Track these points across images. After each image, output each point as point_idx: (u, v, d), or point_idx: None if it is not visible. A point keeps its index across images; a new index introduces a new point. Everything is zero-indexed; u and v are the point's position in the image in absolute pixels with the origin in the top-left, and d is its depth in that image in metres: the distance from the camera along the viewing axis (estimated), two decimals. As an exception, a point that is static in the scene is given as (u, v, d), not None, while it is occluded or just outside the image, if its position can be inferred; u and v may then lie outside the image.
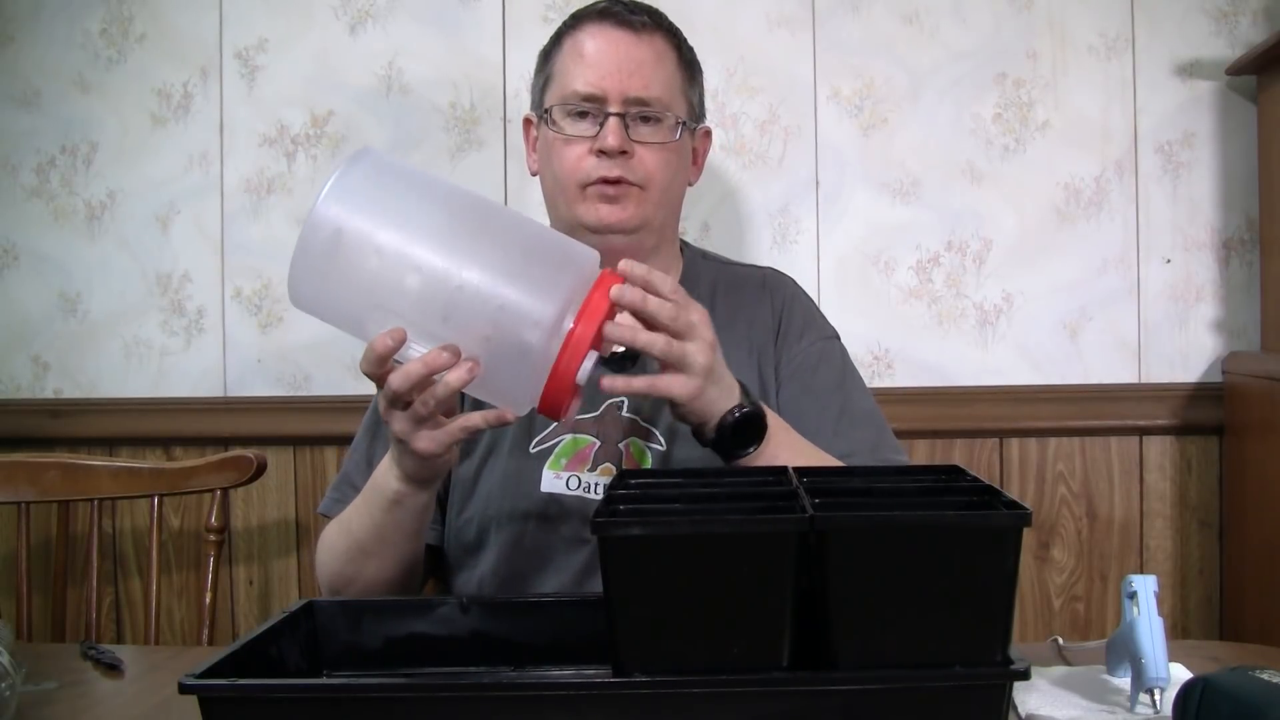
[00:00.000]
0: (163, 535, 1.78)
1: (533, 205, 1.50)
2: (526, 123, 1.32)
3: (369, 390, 1.03)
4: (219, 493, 1.60)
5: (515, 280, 0.92)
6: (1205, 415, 1.74)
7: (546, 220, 1.29)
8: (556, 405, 0.93)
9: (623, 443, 1.21)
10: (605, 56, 1.21)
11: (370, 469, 1.15)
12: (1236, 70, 1.70)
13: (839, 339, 1.33)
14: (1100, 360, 1.76)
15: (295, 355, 1.86)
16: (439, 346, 0.92)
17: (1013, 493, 1.28)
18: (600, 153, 1.20)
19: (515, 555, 1.21)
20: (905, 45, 1.77)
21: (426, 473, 1.05)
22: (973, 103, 1.77)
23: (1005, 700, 0.72)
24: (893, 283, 1.78)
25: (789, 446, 1.09)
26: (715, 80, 1.75)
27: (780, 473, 0.89)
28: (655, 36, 1.24)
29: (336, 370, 1.84)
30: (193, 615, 1.87)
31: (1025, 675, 0.72)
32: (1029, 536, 1.72)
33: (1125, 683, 0.94)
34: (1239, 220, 1.75)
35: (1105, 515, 1.76)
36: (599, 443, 1.21)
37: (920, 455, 1.76)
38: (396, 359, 0.94)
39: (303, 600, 0.94)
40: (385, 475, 1.08)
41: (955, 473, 0.86)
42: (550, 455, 1.22)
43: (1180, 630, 1.75)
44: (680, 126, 1.24)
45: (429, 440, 0.99)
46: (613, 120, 1.19)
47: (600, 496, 0.95)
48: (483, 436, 1.24)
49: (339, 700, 0.75)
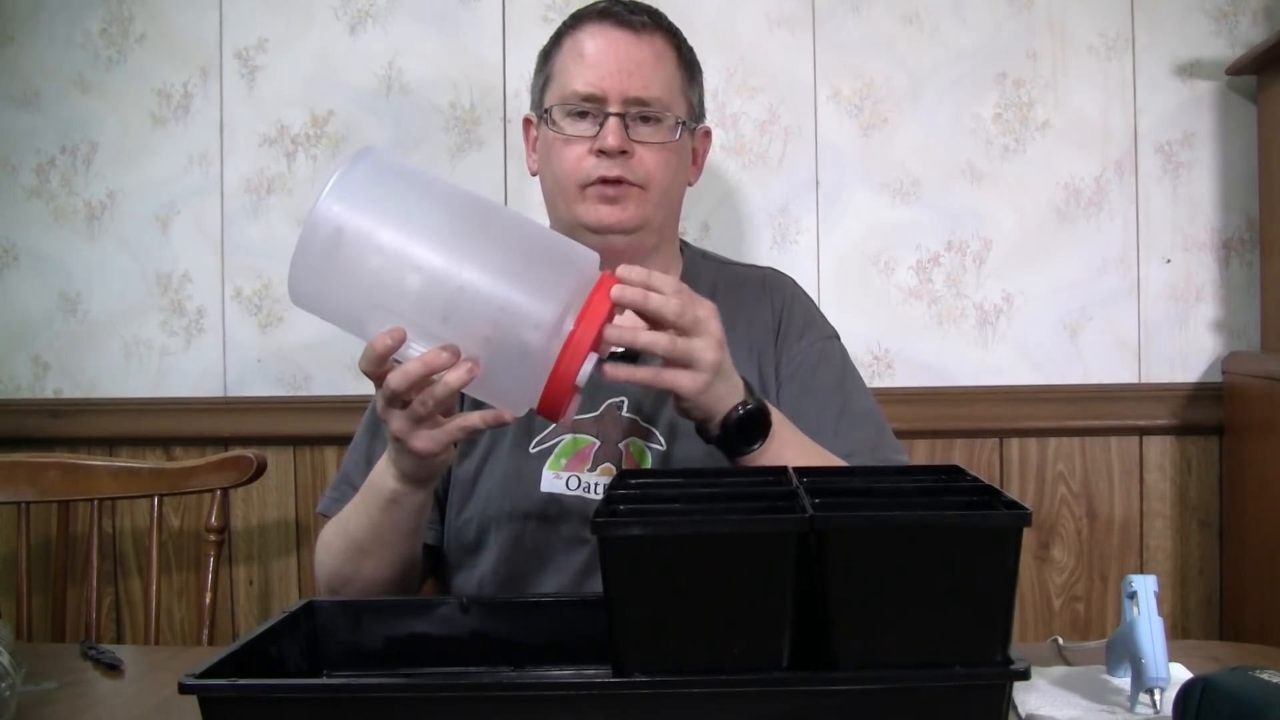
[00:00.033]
0: (163, 535, 1.78)
1: (533, 205, 1.50)
2: (526, 123, 1.32)
3: (369, 390, 1.03)
4: (219, 493, 1.60)
5: (516, 281, 0.93)
6: (1205, 415, 1.74)
7: (546, 220, 1.29)
8: (555, 407, 0.94)
9: (623, 442, 1.21)
10: (605, 56, 1.21)
11: (369, 469, 1.15)
12: (1236, 70, 1.70)
13: (839, 339, 1.33)
14: (1100, 360, 1.76)
15: (295, 355, 1.86)
16: (438, 346, 0.92)
17: (1013, 493, 1.28)
18: (600, 153, 1.20)
19: (515, 555, 1.21)
20: (905, 45, 1.77)
21: (424, 472, 1.05)
22: (973, 103, 1.77)
23: (1005, 700, 0.72)
24: (893, 283, 1.78)
25: (793, 444, 1.09)
26: (715, 80, 1.75)
27: (780, 473, 0.89)
28: (655, 36, 1.24)
29: (336, 370, 1.84)
30: (193, 615, 1.87)
31: (1025, 675, 0.72)
32: (1029, 536, 1.72)
33: (1125, 683, 0.94)
34: (1239, 220, 1.75)
35: (1105, 515, 1.76)
36: (599, 442, 1.21)
37: (920, 455, 1.76)
38: (396, 358, 0.94)
39: (303, 600, 0.94)
40: (382, 474, 1.08)
41: (955, 473, 0.86)
42: (550, 455, 1.22)
43: (1180, 630, 1.75)
44: (680, 126, 1.24)
45: (427, 440, 0.99)
46: (612, 120, 1.19)
47: (600, 496, 0.95)
48: (482, 436, 1.24)
49: (339, 700, 0.75)
